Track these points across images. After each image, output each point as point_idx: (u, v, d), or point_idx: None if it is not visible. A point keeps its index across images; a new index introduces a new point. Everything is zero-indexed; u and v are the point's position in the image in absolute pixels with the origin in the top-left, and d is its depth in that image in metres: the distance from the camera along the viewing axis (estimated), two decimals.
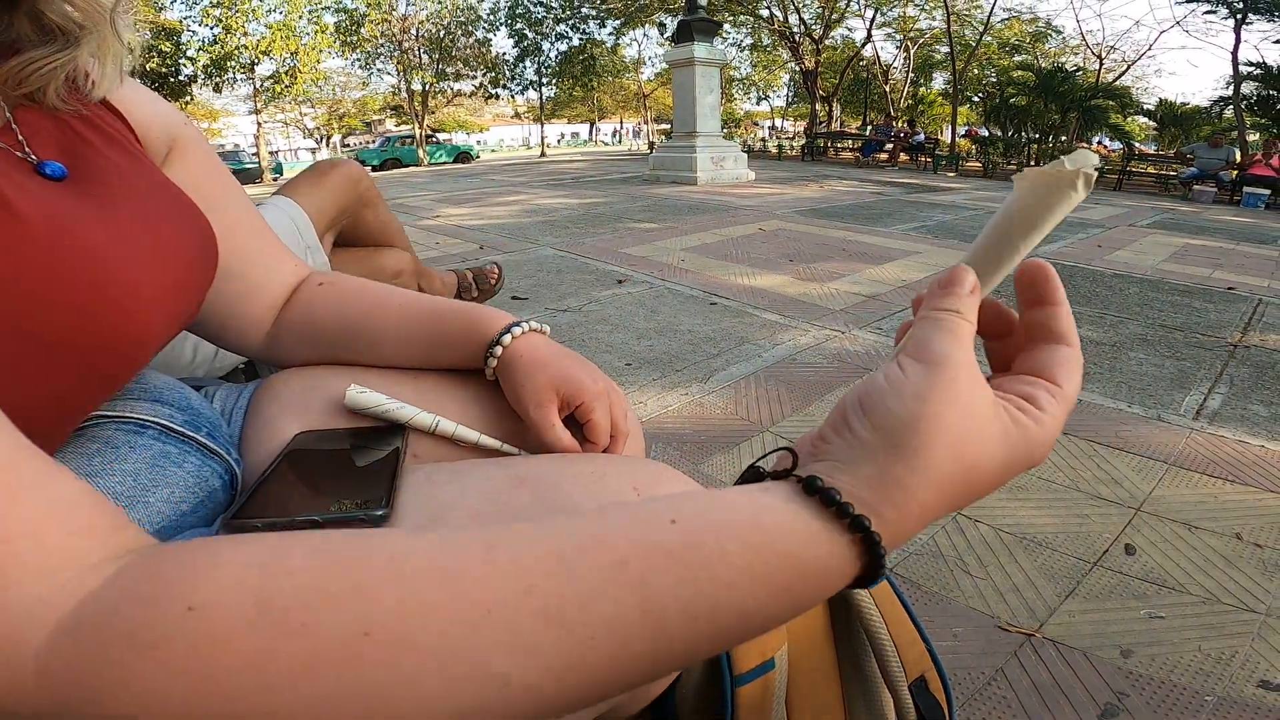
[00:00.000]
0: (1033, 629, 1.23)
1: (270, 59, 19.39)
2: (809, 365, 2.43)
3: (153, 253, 0.45)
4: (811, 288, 3.49)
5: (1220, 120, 16.39)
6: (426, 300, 0.63)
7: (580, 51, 25.00)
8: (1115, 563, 1.42)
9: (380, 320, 0.62)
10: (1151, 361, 2.59)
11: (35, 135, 0.45)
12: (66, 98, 0.47)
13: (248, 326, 0.64)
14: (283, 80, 19.96)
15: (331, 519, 0.44)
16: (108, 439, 0.48)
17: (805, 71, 20.71)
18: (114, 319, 0.40)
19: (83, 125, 0.48)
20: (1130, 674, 1.13)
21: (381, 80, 25.82)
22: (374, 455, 0.53)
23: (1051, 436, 0.34)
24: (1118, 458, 1.82)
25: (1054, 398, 0.34)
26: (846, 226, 5.52)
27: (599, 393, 0.57)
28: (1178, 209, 8.32)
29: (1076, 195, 0.35)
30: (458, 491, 0.48)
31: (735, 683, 0.70)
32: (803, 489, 0.31)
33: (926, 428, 0.31)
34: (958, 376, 0.32)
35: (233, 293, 0.61)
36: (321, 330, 0.64)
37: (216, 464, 0.52)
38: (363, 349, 0.62)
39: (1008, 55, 21.99)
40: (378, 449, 0.54)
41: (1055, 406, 0.34)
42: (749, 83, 31.22)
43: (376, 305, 0.62)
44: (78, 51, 0.46)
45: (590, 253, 4.25)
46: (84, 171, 0.45)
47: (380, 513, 0.44)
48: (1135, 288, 3.77)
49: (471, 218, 6.00)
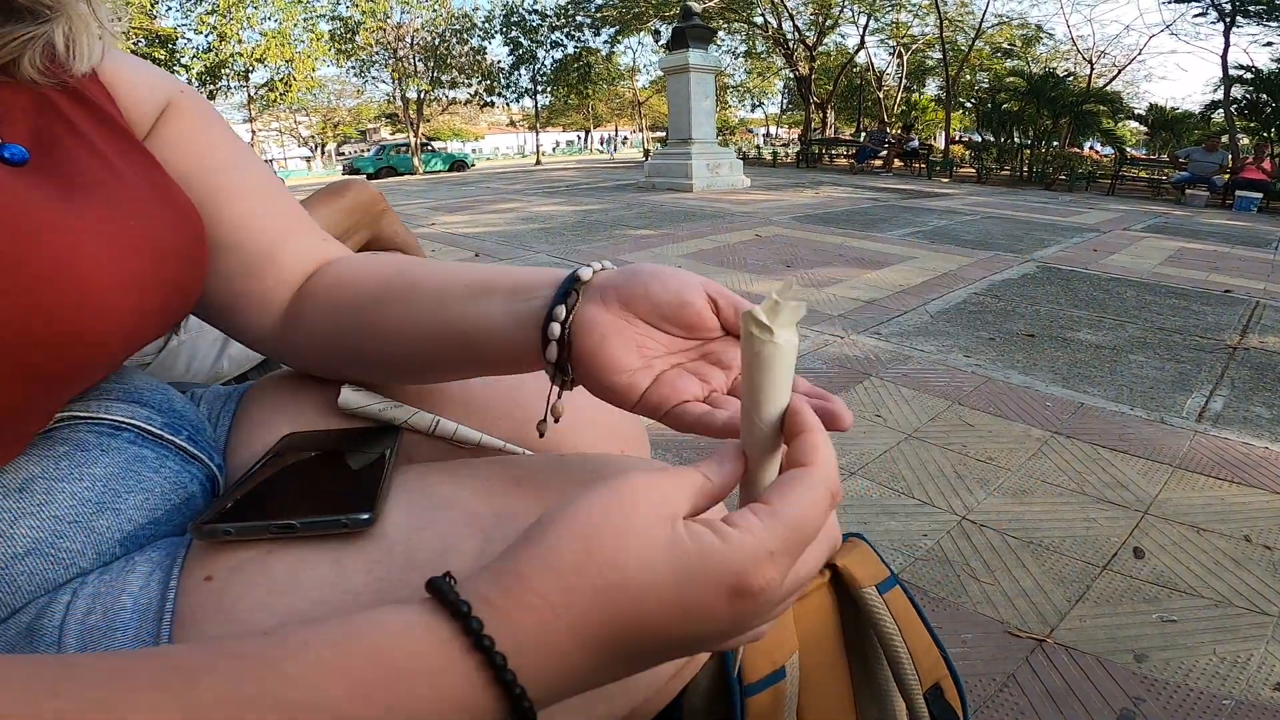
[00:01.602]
0: (1044, 634, 1.21)
1: (265, 67, 19.40)
2: (808, 370, 2.41)
3: (118, 242, 0.41)
4: (809, 293, 3.48)
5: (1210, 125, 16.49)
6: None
7: (575, 59, 25.08)
8: (1125, 566, 1.40)
9: (423, 270, 0.51)
10: (1152, 364, 2.58)
11: (6, 113, 0.42)
12: (46, 70, 0.45)
13: (252, 309, 0.55)
14: (277, 88, 19.96)
15: (310, 524, 0.41)
16: (79, 441, 0.45)
17: (799, 78, 20.83)
18: (63, 314, 0.37)
19: (65, 99, 0.46)
20: (1145, 678, 1.11)
21: (376, 88, 25.89)
22: (365, 458, 0.50)
23: (750, 556, 0.29)
24: (1122, 461, 1.81)
25: (758, 515, 0.30)
26: (843, 232, 5.52)
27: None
28: (1171, 213, 8.36)
29: (764, 339, 0.31)
30: (452, 493, 0.45)
31: (745, 692, 0.68)
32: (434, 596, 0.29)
33: (555, 518, 0.30)
34: (620, 488, 0.30)
35: (227, 270, 0.54)
36: (352, 294, 0.53)
37: (197, 469, 0.49)
38: (397, 312, 0.50)
39: (999, 60, 22.12)
40: (370, 451, 0.51)
41: (758, 525, 0.30)
42: (743, 90, 31.37)
43: (418, 262, 0.54)
44: (50, 28, 0.43)
45: (587, 260, 4.22)
46: (50, 155, 0.43)
47: (365, 517, 0.41)
48: (1133, 291, 3.77)
49: (467, 225, 5.98)
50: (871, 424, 1.99)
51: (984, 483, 1.68)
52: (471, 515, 0.43)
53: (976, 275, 3.95)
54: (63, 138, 0.44)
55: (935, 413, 2.07)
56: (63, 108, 0.45)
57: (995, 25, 21.14)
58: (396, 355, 0.51)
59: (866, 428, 1.96)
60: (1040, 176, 12.26)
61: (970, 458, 1.80)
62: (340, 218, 1.46)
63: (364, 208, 1.50)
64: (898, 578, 0.78)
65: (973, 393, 2.23)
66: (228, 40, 18.32)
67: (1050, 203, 8.64)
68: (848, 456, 1.79)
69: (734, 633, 0.31)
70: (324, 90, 26.65)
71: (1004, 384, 2.31)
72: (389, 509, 0.43)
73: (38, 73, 0.44)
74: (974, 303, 3.38)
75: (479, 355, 0.48)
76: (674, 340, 0.43)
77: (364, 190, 1.51)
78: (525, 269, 0.49)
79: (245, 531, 0.41)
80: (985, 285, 3.74)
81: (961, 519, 1.54)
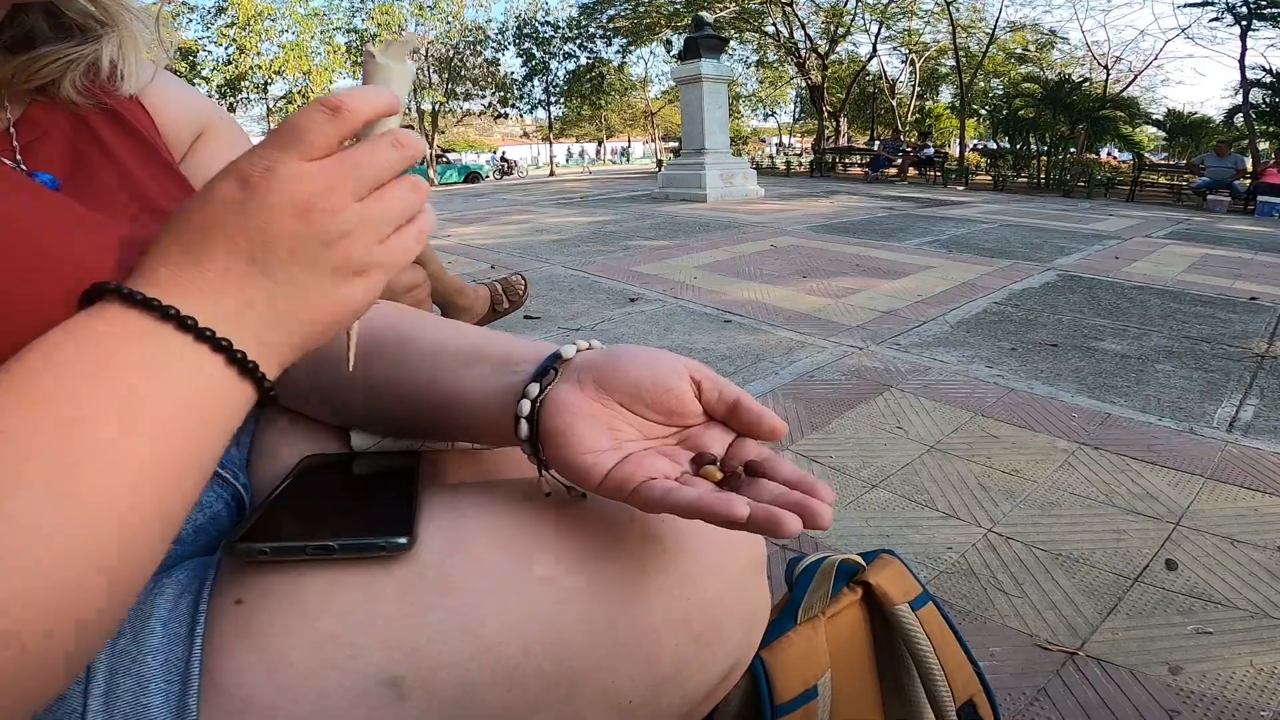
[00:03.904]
0: (1074, 647, 1.19)
1: (283, 79, 19.65)
2: (827, 382, 2.39)
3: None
4: (827, 303, 3.46)
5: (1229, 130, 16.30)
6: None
7: (588, 70, 25.20)
8: (1156, 578, 1.37)
9: (416, 328, 0.52)
10: (1179, 374, 2.54)
11: (43, 137, 0.42)
12: (86, 90, 0.45)
13: None
14: (295, 100, 20.20)
15: (349, 546, 0.40)
16: None
17: (812, 87, 20.80)
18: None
19: (103, 121, 0.46)
20: (1181, 691, 1.09)
21: None
22: (392, 479, 0.49)
23: (307, 178, 0.33)
24: (1152, 472, 1.78)
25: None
26: (859, 242, 5.49)
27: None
28: (1192, 219, 8.25)
29: (379, 61, 0.38)
30: (483, 515, 0.44)
31: (777, 712, 0.67)
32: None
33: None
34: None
35: None
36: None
37: (222, 488, 0.49)
38: (385, 371, 0.50)
39: (1014, 65, 22.00)
40: (394, 473, 0.50)
41: (323, 161, 0.34)
42: (756, 99, 31.39)
43: (413, 316, 0.54)
44: (97, 47, 0.44)
45: (601, 271, 4.24)
46: (81, 179, 0.43)
47: (403, 541, 0.40)
48: (1157, 299, 3.72)
49: (482, 237, 6.02)
50: (893, 436, 1.97)
51: (1010, 495, 1.66)
52: (504, 538, 0.43)
53: (996, 284, 3.92)
54: (96, 163, 0.44)
55: (958, 424, 2.05)
56: (100, 131, 0.45)
57: (1008, 31, 21.05)
58: (382, 412, 0.51)
59: (888, 440, 1.94)
60: (1058, 183, 12.15)
61: (995, 469, 1.78)
62: None
63: None
64: (930, 594, 0.77)
65: (996, 404, 2.20)
66: (247, 53, 18.58)
67: (1069, 210, 8.56)
68: (870, 469, 1.78)
69: (324, 235, 0.33)
70: None
71: (1028, 394, 2.29)
72: (420, 532, 0.43)
73: (77, 93, 0.44)
74: (995, 312, 3.35)
75: (463, 423, 0.48)
76: (651, 425, 0.42)
77: None
78: (518, 340, 0.49)
79: (281, 552, 0.40)
80: (1005, 294, 3.70)
81: (987, 531, 1.51)
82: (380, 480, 0.50)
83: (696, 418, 0.43)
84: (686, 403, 0.42)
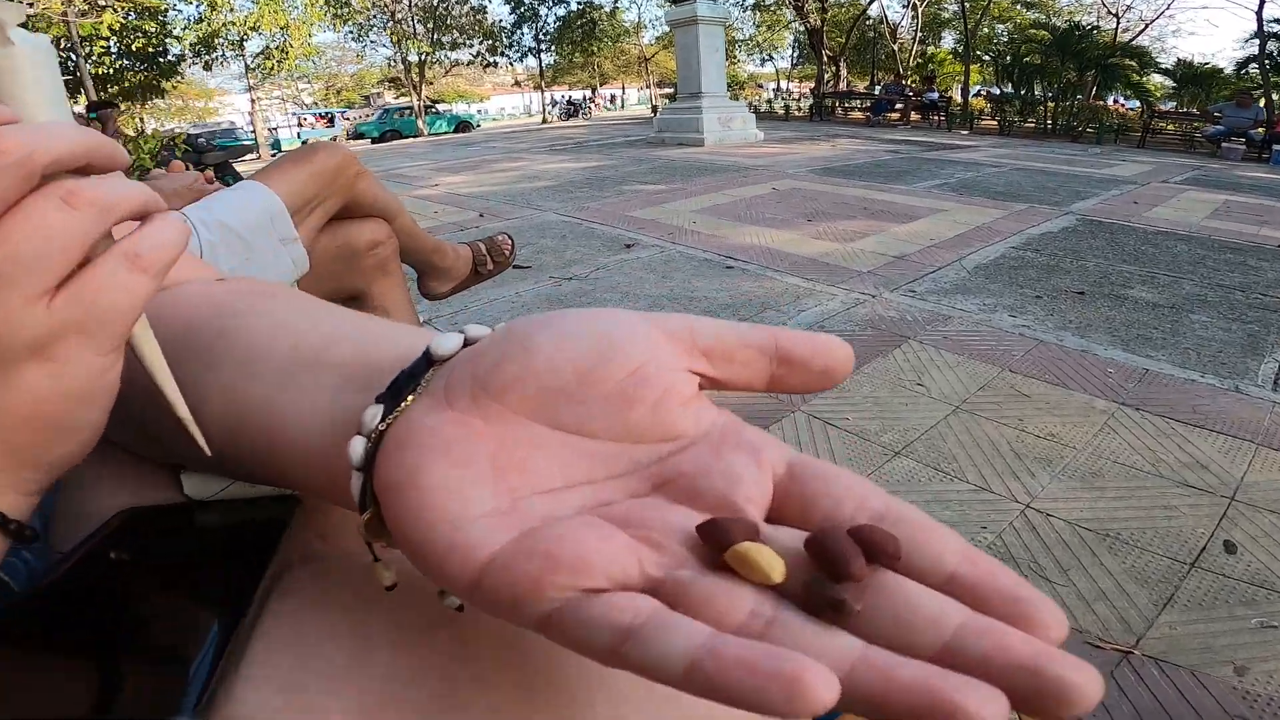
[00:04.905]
0: (1129, 645, 1.05)
1: (260, 35, 18.90)
2: (840, 333, 2.19)
3: None
4: (834, 248, 3.26)
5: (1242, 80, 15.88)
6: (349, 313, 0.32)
7: (579, 16, 24.44)
8: (1215, 563, 1.21)
9: (248, 316, 0.31)
10: (1217, 325, 2.36)
11: None
12: None
13: None
14: (274, 56, 19.50)
15: None
16: None
17: (810, 31, 20.13)
18: None
19: None
20: (1247, 694, 0.96)
21: (376, 52, 25.32)
22: (230, 551, 0.30)
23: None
24: (1199, 437, 1.60)
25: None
26: (865, 184, 5.25)
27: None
28: (1208, 165, 8.02)
29: None
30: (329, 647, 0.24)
31: None
32: None
33: None
34: None
35: None
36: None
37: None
38: (190, 376, 0.29)
39: (1020, 10, 21.34)
40: (238, 539, 0.31)
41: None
42: (752, 44, 30.54)
43: (254, 296, 0.33)
44: None
45: (595, 217, 4.02)
46: None
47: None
48: (1183, 245, 3.51)
49: (471, 185, 5.76)
50: (914, 395, 1.79)
51: (1047, 463, 1.49)
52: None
53: (1013, 228, 3.70)
54: None
55: (984, 381, 1.86)
56: None
57: None
58: (183, 439, 0.29)
59: (909, 399, 1.76)
60: (1065, 129, 11.84)
61: (1029, 434, 1.60)
62: (306, 185, 1.29)
63: (333, 173, 1.33)
64: None
65: (1024, 357, 2.02)
66: (219, 9, 17.78)
67: (1079, 155, 8.29)
68: (891, 433, 1.60)
69: None
70: (323, 57, 26.11)
71: (1058, 347, 2.10)
72: (235, 690, 0.23)
73: None
74: (1014, 257, 3.14)
75: (283, 468, 0.27)
76: (593, 454, 0.21)
77: (333, 154, 1.32)
78: (396, 332, 0.28)
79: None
80: (1023, 239, 3.49)
81: (1025, 507, 1.34)
82: (214, 555, 0.30)
83: (689, 432, 0.21)
84: (669, 399, 0.21)
